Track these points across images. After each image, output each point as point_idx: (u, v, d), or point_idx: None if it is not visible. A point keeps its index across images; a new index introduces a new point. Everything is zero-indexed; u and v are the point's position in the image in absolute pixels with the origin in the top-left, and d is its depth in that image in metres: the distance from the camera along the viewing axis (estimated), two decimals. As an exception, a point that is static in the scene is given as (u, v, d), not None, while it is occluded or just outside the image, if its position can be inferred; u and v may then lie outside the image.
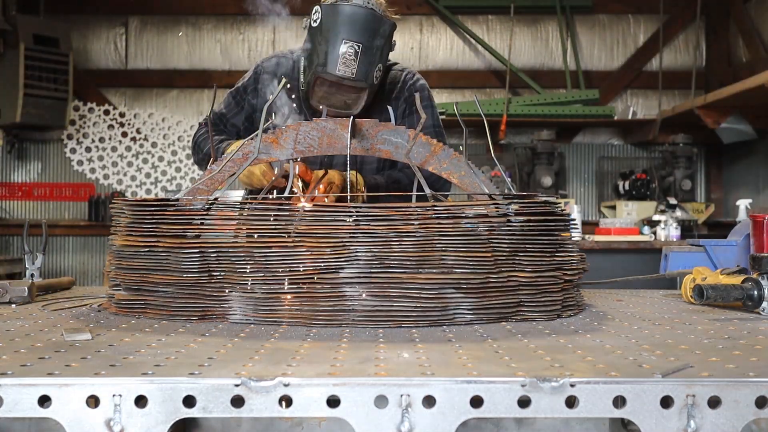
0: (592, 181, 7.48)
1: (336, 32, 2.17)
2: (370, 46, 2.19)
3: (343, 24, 2.17)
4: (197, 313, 1.53)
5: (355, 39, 2.17)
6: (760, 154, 6.70)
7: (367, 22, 2.19)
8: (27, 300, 1.82)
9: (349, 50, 2.16)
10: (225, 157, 1.75)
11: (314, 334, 1.37)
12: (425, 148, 1.74)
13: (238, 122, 2.54)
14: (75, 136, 7.25)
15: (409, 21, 7.41)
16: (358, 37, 2.17)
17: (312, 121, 1.75)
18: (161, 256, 1.55)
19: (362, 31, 2.18)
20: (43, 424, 1.28)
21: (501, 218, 1.56)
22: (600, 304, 1.91)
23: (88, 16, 7.31)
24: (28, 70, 6.34)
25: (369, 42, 2.19)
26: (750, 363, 1.12)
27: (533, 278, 1.55)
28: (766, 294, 1.68)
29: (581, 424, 1.31)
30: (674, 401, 0.98)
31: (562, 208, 1.67)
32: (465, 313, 1.50)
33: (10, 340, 1.27)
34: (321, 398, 0.98)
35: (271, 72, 2.48)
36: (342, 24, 2.17)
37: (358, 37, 2.17)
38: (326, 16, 2.20)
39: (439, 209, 1.52)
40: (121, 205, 1.68)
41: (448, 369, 1.05)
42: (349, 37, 2.17)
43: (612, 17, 7.45)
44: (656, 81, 7.03)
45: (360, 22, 2.18)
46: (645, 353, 1.19)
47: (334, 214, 1.50)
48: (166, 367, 1.05)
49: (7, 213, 7.28)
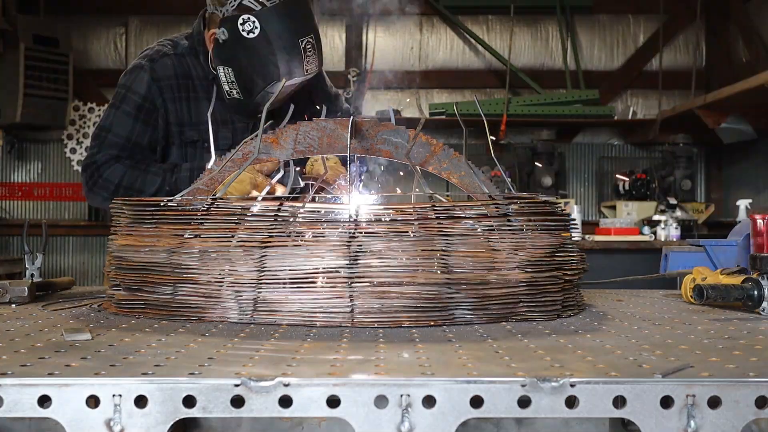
0: (592, 181, 7.48)
1: (287, 34, 2.06)
2: (317, 29, 2.12)
3: (290, 24, 2.06)
4: (197, 313, 1.53)
5: (307, 31, 2.09)
6: (760, 154, 6.70)
7: (303, 7, 2.10)
8: (27, 300, 1.82)
9: (308, 46, 2.08)
10: (225, 157, 1.75)
11: (314, 334, 1.37)
12: (425, 148, 1.74)
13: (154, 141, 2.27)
14: (75, 136, 7.25)
15: (409, 21, 7.40)
16: (307, 27, 2.09)
17: (312, 120, 1.75)
18: (161, 256, 1.55)
19: (306, 18, 2.10)
20: (43, 424, 1.28)
21: (501, 218, 1.56)
22: (600, 304, 1.91)
23: (88, 16, 7.31)
24: (28, 70, 6.34)
25: (315, 26, 2.12)
26: (750, 363, 1.11)
27: (533, 278, 1.55)
28: (766, 294, 1.68)
29: (581, 424, 1.31)
30: (674, 401, 0.98)
31: (562, 208, 1.67)
32: (465, 313, 1.50)
33: (10, 340, 1.27)
34: (321, 398, 0.98)
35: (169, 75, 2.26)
36: (288, 24, 2.06)
37: (307, 27, 2.09)
38: (266, 23, 2.05)
39: (439, 209, 1.52)
40: (121, 205, 1.68)
41: (448, 369, 1.05)
42: (304, 33, 2.08)
43: (612, 17, 7.45)
44: (656, 81, 7.03)
45: (299, 11, 2.09)
46: (645, 353, 1.19)
47: (334, 214, 1.50)
48: (166, 367, 1.05)
49: (7, 213, 7.28)
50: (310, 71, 2.12)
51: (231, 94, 2.18)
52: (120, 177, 2.20)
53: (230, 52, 2.12)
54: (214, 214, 1.56)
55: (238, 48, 2.10)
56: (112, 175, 2.20)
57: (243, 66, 2.13)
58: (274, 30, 2.05)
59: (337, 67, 7.09)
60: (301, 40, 2.07)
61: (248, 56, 2.10)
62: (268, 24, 2.05)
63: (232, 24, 2.08)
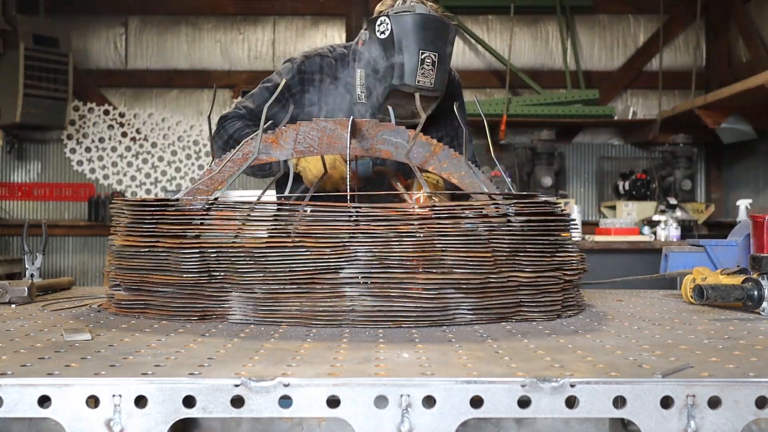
0: (592, 182, 7.48)
1: (411, 43, 2.13)
2: (444, 54, 2.17)
3: (418, 34, 2.14)
4: (197, 313, 1.53)
5: (432, 49, 2.14)
6: (760, 154, 6.70)
7: (440, 30, 2.17)
8: (27, 300, 1.82)
9: (427, 60, 2.13)
10: (225, 157, 1.75)
11: (314, 334, 1.37)
12: (425, 148, 1.74)
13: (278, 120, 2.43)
14: (75, 136, 7.25)
15: (409, 21, 7.40)
16: (434, 46, 2.15)
17: (312, 120, 1.75)
18: (161, 256, 1.55)
19: (437, 40, 2.16)
20: (43, 425, 1.28)
21: (501, 218, 1.56)
22: (600, 304, 1.91)
23: (88, 16, 7.31)
24: (28, 70, 6.35)
25: (443, 50, 2.17)
26: (750, 363, 1.12)
27: (533, 278, 1.55)
28: (766, 294, 1.68)
29: (581, 424, 1.31)
30: (674, 401, 0.98)
31: (562, 208, 1.67)
32: (465, 313, 1.50)
33: (10, 340, 1.27)
34: (321, 398, 0.98)
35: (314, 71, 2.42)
36: (416, 34, 2.13)
37: (434, 46, 2.15)
38: (397, 27, 2.15)
39: (439, 209, 1.52)
40: (120, 205, 1.68)
41: (448, 369, 1.05)
42: (427, 47, 2.13)
43: (612, 17, 7.45)
44: (656, 81, 7.03)
45: (433, 31, 2.15)
46: (645, 353, 1.19)
47: (334, 214, 1.51)
48: (166, 368, 1.05)
49: (7, 213, 7.28)
50: (423, 85, 2.15)
51: (360, 97, 2.30)
52: (234, 131, 2.38)
53: (365, 53, 2.25)
54: (214, 214, 1.56)
55: (371, 49, 2.22)
56: (230, 127, 2.40)
57: (370, 66, 2.23)
58: (400, 33, 2.14)
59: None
60: (422, 52, 2.13)
61: (375, 57, 2.21)
62: (398, 26, 2.14)
63: (372, 25, 2.22)
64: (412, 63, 2.13)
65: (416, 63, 2.13)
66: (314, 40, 7.40)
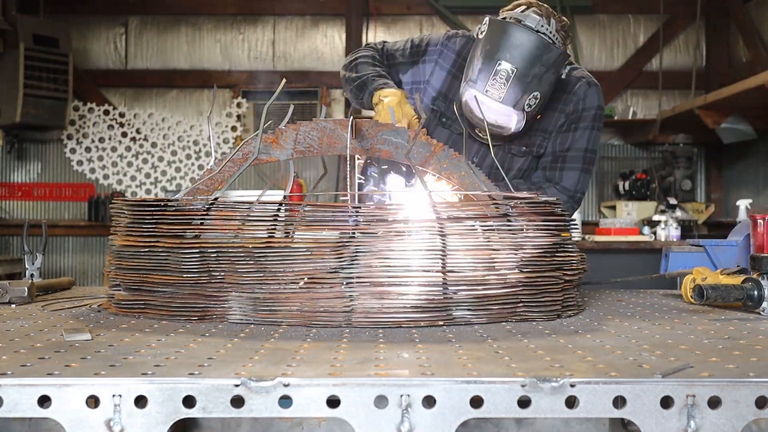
0: (592, 181, 7.48)
1: (494, 50, 2.04)
2: (526, 73, 2.03)
3: (504, 43, 2.04)
4: (197, 313, 1.53)
5: (512, 62, 2.03)
6: (760, 154, 6.70)
7: (531, 47, 2.04)
8: (27, 300, 1.82)
9: (502, 72, 2.03)
10: (225, 157, 1.75)
11: (314, 334, 1.37)
12: (425, 148, 1.74)
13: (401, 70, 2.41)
14: (75, 136, 7.25)
15: (409, 21, 7.41)
16: (515, 60, 2.03)
17: (313, 121, 1.75)
18: (161, 256, 1.55)
19: (522, 55, 2.03)
20: (43, 425, 1.28)
21: (501, 218, 1.56)
22: (600, 304, 1.91)
23: (88, 16, 7.32)
24: (27, 70, 6.34)
25: (526, 68, 2.03)
26: (750, 363, 1.11)
27: (533, 278, 1.55)
28: (766, 294, 1.68)
29: (581, 424, 1.31)
30: (674, 401, 0.98)
31: (562, 208, 1.67)
32: (465, 313, 1.50)
33: (10, 340, 1.27)
34: (321, 398, 0.98)
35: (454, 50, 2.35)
36: (503, 43, 2.04)
37: (515, 60, 2.03)
38: (491, 32, 2.08)
39: (439, 209, 1.52)
40: (120, 205, 1.68)
41: (448, 369, 1.05)
42: (506, 58, 2.03)
43: (612, 17, 7.45)
44: (656, 81, 7.03)
45: (523, 46, 2.04)
46: (645, 353, 1.19)
47: (334, 214, 1.51)
48: (166, 368, 1.05)
49: (7, 213, 7.28)
50: (490, 94, 2.05)
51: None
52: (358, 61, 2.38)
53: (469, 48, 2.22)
54: (214, 214, 1.56)
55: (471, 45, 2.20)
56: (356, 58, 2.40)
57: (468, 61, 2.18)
58: (491, 37, 2.08)
59: (336, 67, 7.08)
60: (499, 62, 2.04)
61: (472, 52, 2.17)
62: (492, 32, 2.08)
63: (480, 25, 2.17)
64: (487, 69, 2.05)
65: (490, 71, 2.04)
66: (314, 40, 7.40)
